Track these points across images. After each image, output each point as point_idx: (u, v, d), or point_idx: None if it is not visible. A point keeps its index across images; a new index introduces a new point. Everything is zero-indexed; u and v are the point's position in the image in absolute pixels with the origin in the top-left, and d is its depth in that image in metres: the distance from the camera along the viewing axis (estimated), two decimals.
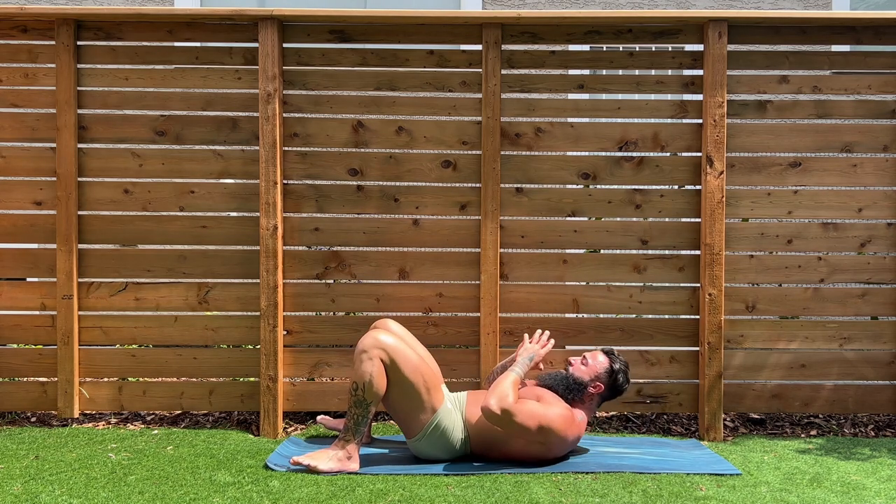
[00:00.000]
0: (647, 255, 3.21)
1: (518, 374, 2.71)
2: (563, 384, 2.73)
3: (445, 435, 2.66)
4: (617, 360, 2.78)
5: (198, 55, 3.19)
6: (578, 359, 2.79)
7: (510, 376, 2.67)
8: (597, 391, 2.74)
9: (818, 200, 3.20)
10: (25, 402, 3.21)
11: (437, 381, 2.71)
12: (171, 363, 3.20)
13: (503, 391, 2.59)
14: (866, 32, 3.18)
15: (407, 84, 3.19)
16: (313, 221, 3.19)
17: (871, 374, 3.22)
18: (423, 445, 2.67)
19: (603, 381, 2.75)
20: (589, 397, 2.75)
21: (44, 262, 3.18)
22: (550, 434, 2.58)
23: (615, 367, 2.76)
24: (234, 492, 2.37)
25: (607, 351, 2.82)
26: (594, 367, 2.75)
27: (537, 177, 3.19)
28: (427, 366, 2.68)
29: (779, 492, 2.44)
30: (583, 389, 2.73)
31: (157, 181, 3.19)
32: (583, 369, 2.75)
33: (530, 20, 3.12)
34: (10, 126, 3.18)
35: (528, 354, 2.79)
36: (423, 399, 2.63)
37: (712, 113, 3.10)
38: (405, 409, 2.65)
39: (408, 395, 2.62)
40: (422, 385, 2.62)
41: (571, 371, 2.76)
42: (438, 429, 2.65)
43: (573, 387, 2.73)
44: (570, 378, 2.74)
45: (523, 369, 2.75)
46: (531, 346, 2.83)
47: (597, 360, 2.77)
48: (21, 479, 2.48)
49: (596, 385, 2.74)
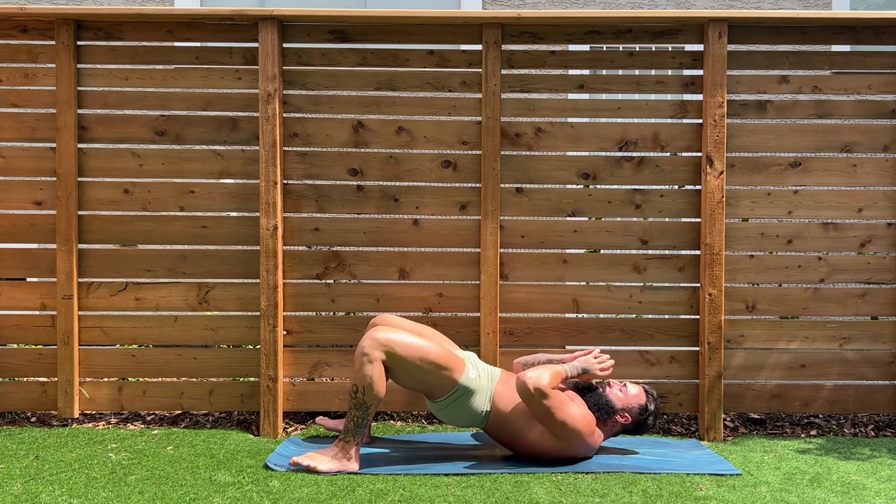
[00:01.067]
0: (647, 255, 3.21)
1: (565, 371, 2.71)
2: (593, 400, 2.73)
3: (467, 404, 2.68)
4: (653, 402, 2.77)
5: (198, 55, 3.19)
6: (618, 384, 2.79)
7: (557, 367, 2.68)
8: (624, 421, 2.73)
9: (818, 200, 3.20)
10: (25, 402, 3.21)
11: (450, 357, 2.68)
12: (171, 363, 3.20)
13: (543, 373, 2.60)
14: (866, 32, 3.18)
15: (407, 84, 3.19)
16: (313, 221, 3.19)
17: (871, 374, 3.22)
18: (443, 409, 2.70)
19: (633, 414, 2.74)
20: (613, 423, 2.74)
21: (44, 262, 3.18)
22: (570, 432, 2.58)
23: (650, 407, 2.76)
24: (234, 492, 2.37)
25: (647, 389, 2.81)
26: (630, 398, 2.75)
27: (537, 177, 3.19)
28: (434, 347, 2.66)
29: (779, 492, 2.44)
30: (611, 414, 2.72)
31: (157, 181, 3.19)
32: (619, 395, 2.74)
33: (530, 20, 3.12)
34: (10, 126, 3.18)
35: (584, 364, 2.78)
36: (436, 379, 2.64)
37: (712, 113, 3.10)
38: (423, 387, 2.68)
39: (420, 377, 2.63)
40: (431, 366, 2.62)
41: (607, 392, 2.75)
42: (459, 399, 2.67)
43: (603, 407, 2.72)
44: (604, 398, 2.73)
45: (572, 372, 2.74)
46: (593, 360, 2.80)
47: (635, 393, 2.76)
48: (21, 479, 2.48)
49: (624, 416, 2.73)
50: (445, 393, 2.66)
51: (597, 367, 2.78)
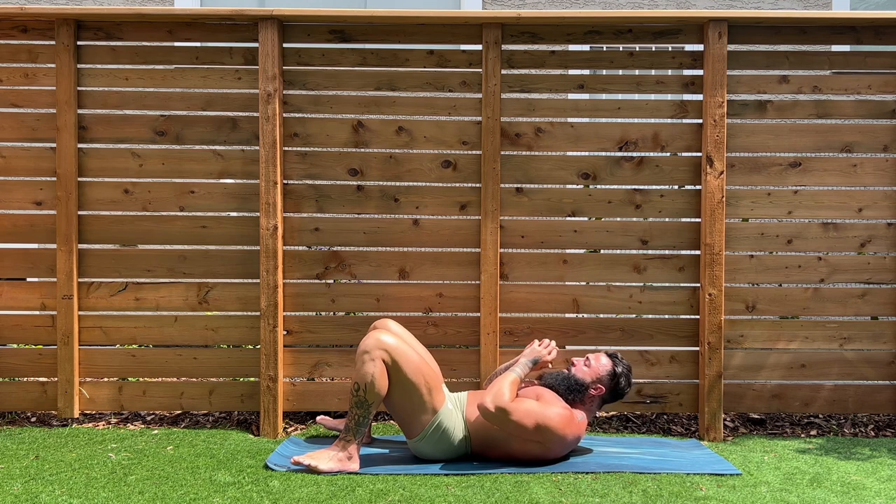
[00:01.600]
0: (647, 255, 3.21)
1: (518, 375, 2.71)
2: (565, 384, 2.73)
3: (446, 435, 2.66)
4: (620, 364, 2.78)
5: (198, 55, 3.19)
6: (581, 360, 2.79)
7: (509, 376, 2.68)
8: (598, 393, 2.74)
9: (818, 200, 3.20)
10: (25, 402, 3.21)
11: (438, 381, 2.71)
12: (171, 363, 3.20)
13: (500, 389, 2.59)
14: (866, 32, 3.18)
15: (407, 84, 3.19)
16: (313, 221, 3.19)
17: (871, 374, 3.22)
18: (425, 446, 2.67)
19: (605, 383, 2.75)
20: (590, 399, 2.75)
21: (44, 262, 3.18)
22: (548, 433, 2.58)
23: (618, 370, 2.76)
24: (234, 492, 2.37)
25: (610, 353, 2.81)
26: (596, 368, 2.75)
27: (537, 177, 3.19)
28: (428, 366, 2.69)
29: (779, 492, 2.44)
30: (584, 391, 2.73)
31: (157, 181, 3.19)
32: (585, 370, 2.75)
33: (530, 20, 3.12)
34: (10, 126, 3.18)
35: (532, 357, 2.80)
36: (425, 399, 2.63)
37: (712, 113, 3.10)
38: (406, 409, 2.65)
39: (409, 395, 2.62)
40: (423, 385, 2.62)
41: (573, 372, 2.76)
42: (440, 429, 2.65)
43: (574, 387, 2.72)
44: (572, 378, 2.74)
45: (524, 370, 2.76)
46: (537, 348, 2.84)
47: (599, 362, 2.77)
48: (21, 479, 2.48)
49: (597, 387, 2.73)
50: (423, 426, 2.64)
51: (544, 353, 2.81)
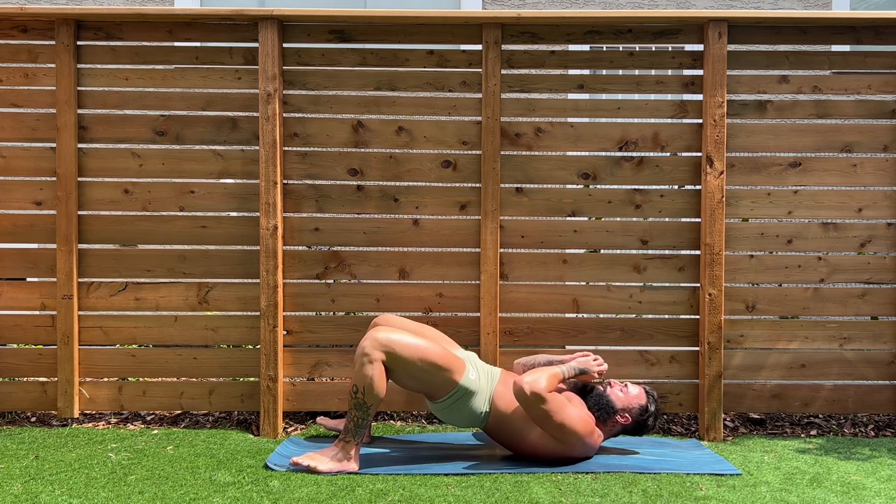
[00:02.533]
0: (647, 255, 3.21)
1: (562, 372, 2.70)
2: (594, 401, 2.73)
3: (467, 404, 2.67)
4: (654, 403, 2.77)
5: (198, 55, 3.19)
6: (619, 384, 2.79)
7: (553, 370, 2.68)
8: (624, 422, 2.73)
9: (818, 200, 3.20)
10: (25, 402, 3.21)
11: (450, 358, 2.67)
12: (171, 363, 3.20)
13: (540, 376, 2.59)
14: (866, 32, 3.18)
15: (407, 84, 3.19)
16: (313, 221, 3.19)
17: (871, 374, 3.22)
18: (444, 410, 2.70)
19: (633, 415, 2.74)
20: (613, 423, 2.74)
21: (44, 262, 3.18)
22: (569, 433, 2.58)
23: (651, 408, 2.76)
24: (234, 492, 2.37)
25: (648, 390, 2.81)
26: (630, 398, 2.75)
27: (537, 177, 3.19)
28: (434, 347, 2.65)
29: (779, 492, 2.44)
30: (611, 414, 2.72)
31: (157, 181, 3.19)
32: (619, 396, 2.74)
33: (530, 20, 3.12)
34: (10, 126, 3.18)
35: (581, 365, 2.77)
36: (436, 379, 2.63)
37: (712, 113, 3.10)
38: (423, 387, 2.68)
39: (421, 378, 2.63)
40: (431, 367, 2.61)
41: (608, 392, 2.75)
42: (459, 399, 2.67)
43: (604, 407, 2.72)
44: (605, 398, 2.73)
45: (569, 373, 2.74)
46: (590, 360, 2.80)
47: (636, 393, 2.76)
48: (21, 479, 2.48)
49: (625, 416, 2.73)
50: (446, 394, 2.66)
51: (594, 368, 2.78)
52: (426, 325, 2.92)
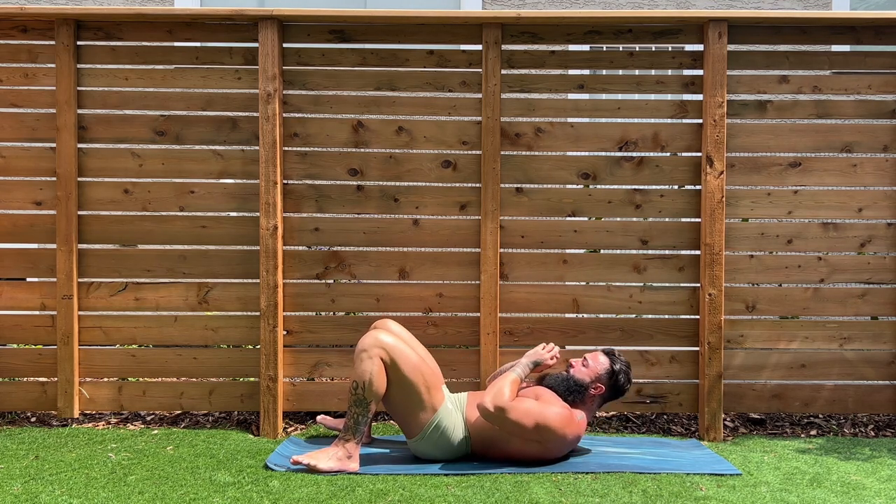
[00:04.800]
0: (647, 255, 3.21)
1: (518, 375, 2.71)
2: (564, 385, 2.73)
3: (446, 435, 2.66)
4: (618, 361, 2.78)
5: (198, 55, 3.19)
6: (579, 360, 2.79)
7: (510, 376, 2.68)
8: (598, 392, 2.74)
9: (818, 200, 3.20)
10: (25, 402, 3.21)
11: (438, 380, 2.71)
12: (171, 363, 3.20)
13: (500, 389, 2.59)
14: (866, 32, 3.18)
15: (407, 84, 3.19)
16: (313, 221, 3.19)
17: (871, 374, 3.22)
18: (424, 445, 2.67)
19: (604, 382, 2.75)
20: (590, 398, 2.75)
21: (44, 262, 3.18)
22: (547, 432, 2.58)
23: (616, 367, 2.76)
24: (234, 492, 2.37)
25: (608, 352, 2.81)
26: (595, 368, 2.75)
27: (537, 177, 3.19)
28: (427, 366, 2.69)
29: (779, 492, 2.44)
30: (583, 391, 2.73)
31: (157, 181, 3.19)
32: (583, 370, 2.75)
33: (530, 20, 3.12)
34: (10, 126, 3.18)
35: (533, 358, 2.80)
36: (424, 398, 2.63)
37: (712, 113, 3.10)
38: (406, 408, 2.65)
39: (408, 394, 2.62)
40: (422, 384, 2.62)
41: (572, 372, 2.76)
42: (439, 429, 2.65)
43: (574, 388, 2.72)
44: (571, 379, 2.74)
45: (524, 371, 2.75)
46: (539, 350, 2.83)
47: (598, 360, 2.77)
48: (21, 479, 2.48)
49: (597, 386, 2.73)
50: (422, 426, 2.65)
51: (546, 356, 2.80)
52: (417, 341, 2.90)
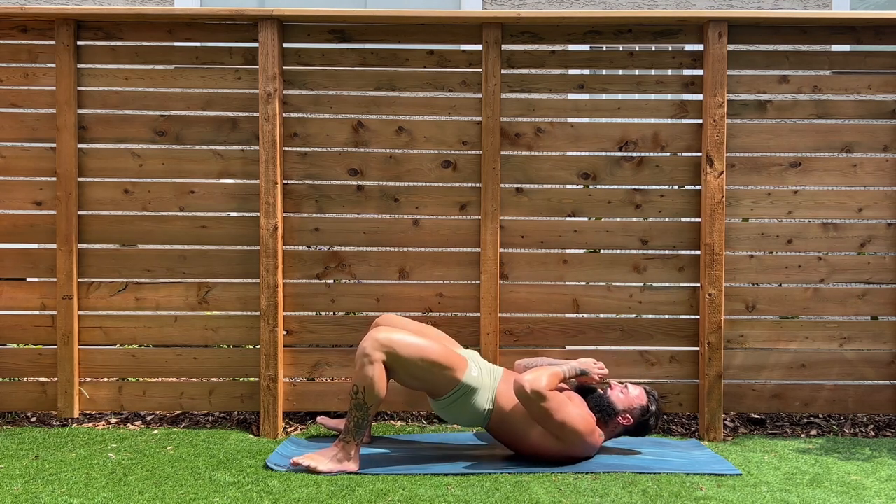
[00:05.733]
0: (647, 255, 3.21)
1: (562, 371, 2.71)
2: (596, 402, 2.73)
3: (470, 402, 2.67)
4: (655, 403, 2.78)
5: (198, 55, 3.19)
6: (620, 385, 2.79)
7: (555, 368, 2.69)
8: (625, 422, 2.74)
9: (818, 200, 3.20)
10: (25, 402, 3.21)
11: (452, 356, 2.68)
12: (171, 363, 3.20)
13: (541, 375, 2.60)
14: (866, 32, 3.18)
15: (407, 84, 3.19)
16: (313, 221, 3.19)
17: (871, 374, 3.22)
18: (446, 408, 2.70)
19: (634, 416, 2.74)
20: (614, 425, 2.74)
21: (44, 262, 3.18)
22: (570, 432, 2.59)
23: (651, 408, 2.76)
24: (234, 492, 2.37)
25: (649, 391, 2.81)
26: (632, 399, 2.75)
27: (537, 177, 3.19)
28: (435, 346, 2.66)
29: (779, 492, 2.44)
30: (613, 415, 2.72)
31: (157, 181, 3.19)
32: (620, 397, 2.75)
33: (530, 20, 3.12)
34: (10, 126, 3.18)
35: (583, 366, 2.79)
36: (438, 378, 2.64)
37: (712, 113, 3.10)
38: (425, 386, 2.68)
39: (422, 377, 2.63)
40: (433, 366, 2.62)
41: (609, 393, 2.76)
42: (462, 397, 2.67)
43: (605, 408, 2.72)
44: (605, 399, 2.73)
45: (570, 372, 2.75)
46: (591, 362, 2.82)
47: (637, 394, 2.77)
48: (21, 479, 2.48)
49: (626, 417, 2.73)
50: (448, 392, 2.66)
51: (595, 370, 2.79)
52: (427, 325, 2.92)
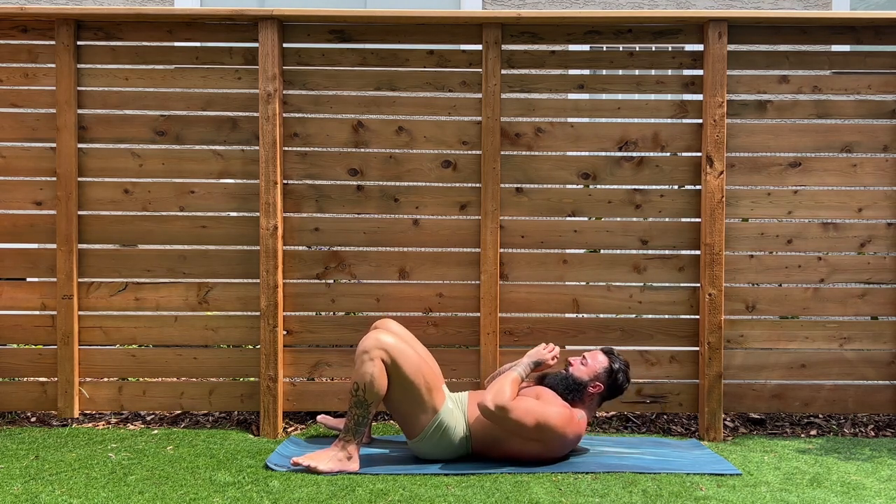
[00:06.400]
0: (647, 255, 3.21)
1: (519, 374, 2.72)
2: (563, 384, 2.74)
3: (447, 434, 2.66)
4: (616, 360, 2.79)
5: (198, 55, 3.19)
6: (578, 359, 2.80)
7: (510, 375, 2.69)
8: (596, 391, 2.74)
9: (818, 200, 3.20)
10: (25, 402, 3.21)
11: (439, 381, 2.71)
12: (171, 363, 3.20)
13: (501, 388, 2.60)
14: (866, 32, 3.18)
15: (407, 84, 3.19)
16: (313, 221, 3.19)
17: (871, 374, 3.22)
18: (425, 446, 2.67)
19: (602, 380, 2.75)
20: (589, 397, 2.75)
21: (44, 262, 3.18)
22: (548, 432, 2.58)
23: (614, 366, 2.77)
24: (234, 492, 2.37)
25: (606, 350, 2.82)
26: (593, 366, 2.76)
27: (537, 177, 3.19)
28: (428, 366, 2.69)
29: (779, 492, 2.44)
30: (582, 389, 2.73)
31: (157, 181, 3.19)
32: (582, 369, 2.76)
33: (530, 20, 3.12)
34: (10, 126, 3.18)
35: (534, 358, 2.80)
36: (425, 399, 2.63)
37: (712, 113, 3.10)
38: (406, 409, 2.65)
39: (409, 395, 2.62)
40: (423, 385, 2.62)
41: (571, 371, 2.76)
42: (440, 429, 2.65)
43: (573, 387, 2.73)
44: (570, 378, 2.74)
45: (525, 370, 2.76)
46: (541, 350, 2.84)
47: (596, 359, 2.77)
48: (21, 479, 2.48)
49: (595, 385, 2.74)
50: (423, 426, 2.65)
51: (547, 356, 2.81)
52: (418, 341, 2.91)
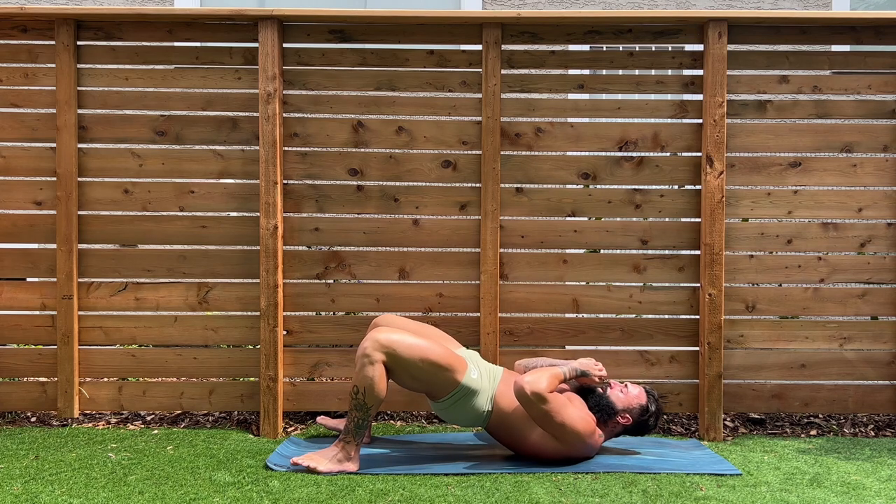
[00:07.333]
0: (647, 255, 3.21)
1: (563, 372, 2.70)
2: (595, 401, 2.73)
3: (467, 404, 2.67)
4: (654, 403, 2.78)
5: (198, 55, 3.19)
6: (620, 385, 2.79)
7: (555, 369, 2.68)
8: (625, 422, 2.73)
9: (818, 200, 3.21)
10: (25, 402, 3.21)
11: (452, 358, 2.67)
12: (171, 363, 3.20)
13: (541, 377, 2.59)
14: (866, 32, 3.18)
15: (407, 84, 3.19)
16: (313, 221, 3.19)
17: (871, 374, 3.22)
18: (446, 411, 2.70)
19: (634, 415, 2.74)
20: (614, 424, 2.74)
21: (44, 262, 3.18)
22: (570, 434, 2.58)
23: (651, 408, 2.76)
24: (234, 492, 2.37)
25: (648, 390, 2.81)
26: (631, 398, 2.75)
27: (537, 177, 3.19)
28: (435, 347, 2.65)
29: (779, 492, 2.44)
30: (613, 415, 2.72)
31: (157, 181, 3.19)
32: (620, 396, 2.74)
33: (530, 20, 3.12)
34: (10, 126, 3.18)
35: (583, 366, 2.77)
36: (438, 379, 2.63)
37: (712, 113, 3.10)
38: (423, 388, 2.68)
39: (421, 378, 2.63)
40: (432, 367, 2.61)
41: (608, 392, 2.75)
42: (459, 399, 2.67)
43: (605, 408, 2.72)
44: (605, 399, 2.73)
45: (570, 373, 2.74)
46: (591, 363, 2.80)
47: (637, 393, 2.77)
48: (21, 479, 2.48)
49: (625, 416, 2.73)
50: (447, 393, 2.66)
51: (595, 371, 2.78)
52: (428, 325, 2.92)
